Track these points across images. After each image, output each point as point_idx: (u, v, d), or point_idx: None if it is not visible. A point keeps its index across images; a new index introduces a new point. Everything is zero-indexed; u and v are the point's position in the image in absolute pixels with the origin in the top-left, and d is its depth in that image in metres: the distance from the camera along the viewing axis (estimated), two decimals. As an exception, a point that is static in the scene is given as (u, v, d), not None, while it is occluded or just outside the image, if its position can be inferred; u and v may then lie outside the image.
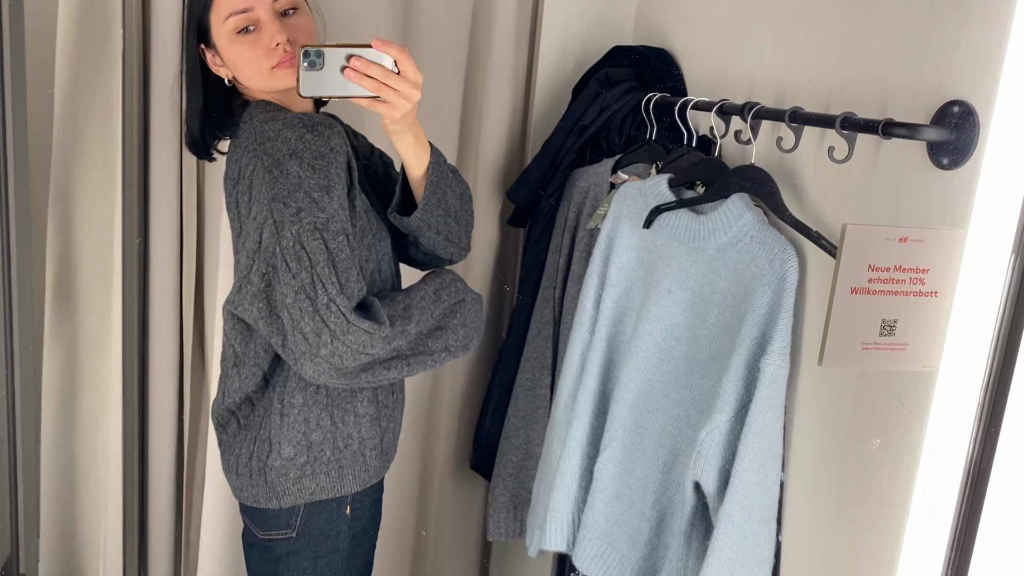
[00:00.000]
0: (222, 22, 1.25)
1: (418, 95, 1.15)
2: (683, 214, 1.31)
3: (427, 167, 1.27)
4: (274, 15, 1.25)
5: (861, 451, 1.02)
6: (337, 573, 1.36)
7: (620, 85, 1.62)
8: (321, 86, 1.13)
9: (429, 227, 1.31)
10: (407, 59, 1.13)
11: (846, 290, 0.80)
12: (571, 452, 1.46)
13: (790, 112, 1.10)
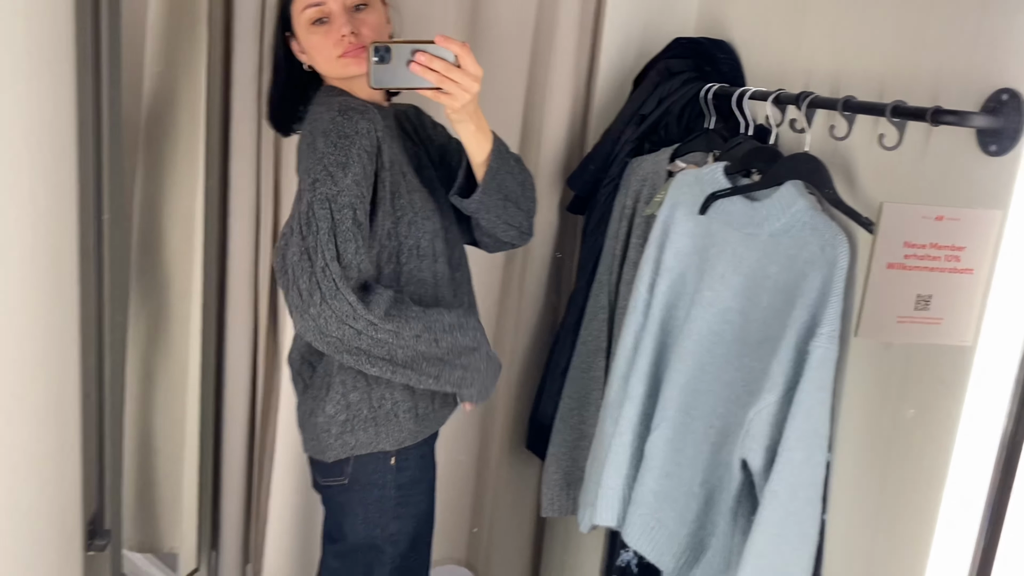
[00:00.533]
0: (300, 12, 1.37)
1: (477, 87, 1.24)
2: (738, 201, 1.35)
3: (488, 154, 1.35)
4: (344, 9, 1.36)
5: (904, 433, 1.05)
6: (388, 517, 1.46)
7: (679, 76, 1.66)
8: (389, 78, 1.25)
9: (488, 210, 1.40)
10: (467, 54, 1.23)
11: (882, 265, 0.83)
12: (623, 431, 1.50)
13: (843, 100, 1.13)
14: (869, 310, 0.86)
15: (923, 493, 1.02)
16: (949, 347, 0.91)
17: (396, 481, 1.45)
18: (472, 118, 1.31)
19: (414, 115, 1.60)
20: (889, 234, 0.83)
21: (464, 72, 1.23)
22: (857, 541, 1.17)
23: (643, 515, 1.46)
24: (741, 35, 1.67)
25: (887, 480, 1.11)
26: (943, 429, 0.97)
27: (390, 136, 1.39)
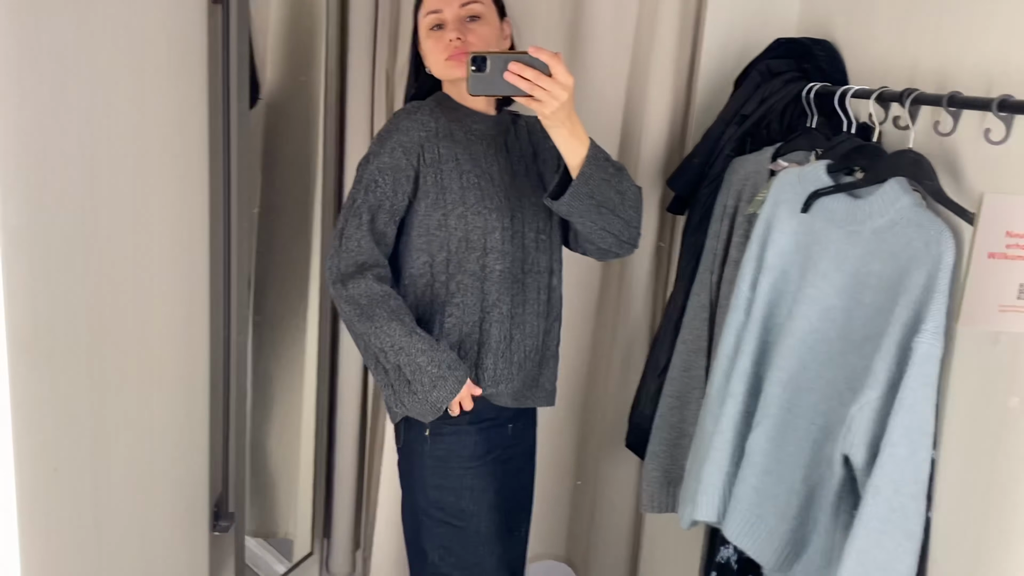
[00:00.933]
0: (423, 18, 1.56)
1: (566, 95, 1.32)
2: (841, 198, 1.35)
3: (583, 159, 1.41)
4: (457, 18, 1.53)
5: (1012, 429, 1.04)
6: (427, 486, 1.58)
7: (781, 76, 1.66)
8: (485, 86, 1.34)
9: (580, 214, 1.46)
10: (558, 63, 1.31)
11: (983, 255, 0.84)
12: (724, 428, 1.52)
13: (948, 96, 1.13)
14: (970, 299, 0.87)
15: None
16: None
17: (431, 452, 1.57)
18: (565, 123, 1.38)
19: (532, 126, 1.67)
20: (990, 224, 0.83)
21: (554, 80, 1.31)
22: (964, 539, 1.16)
23: (744, 511, 1.47)
24: (843, 34, 1.66)
25: (995, 477, 1.10)
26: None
27: (450, 137, 1.54)
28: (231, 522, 1.79)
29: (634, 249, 1.59)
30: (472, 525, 1.58)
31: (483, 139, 1.58)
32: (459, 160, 1.53)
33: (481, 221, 1.52)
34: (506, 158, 1.60)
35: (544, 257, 1.61)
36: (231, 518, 1.79)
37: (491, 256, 1.53)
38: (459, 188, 1.52)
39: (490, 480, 1.59)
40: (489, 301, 1.54)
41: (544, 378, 1.67)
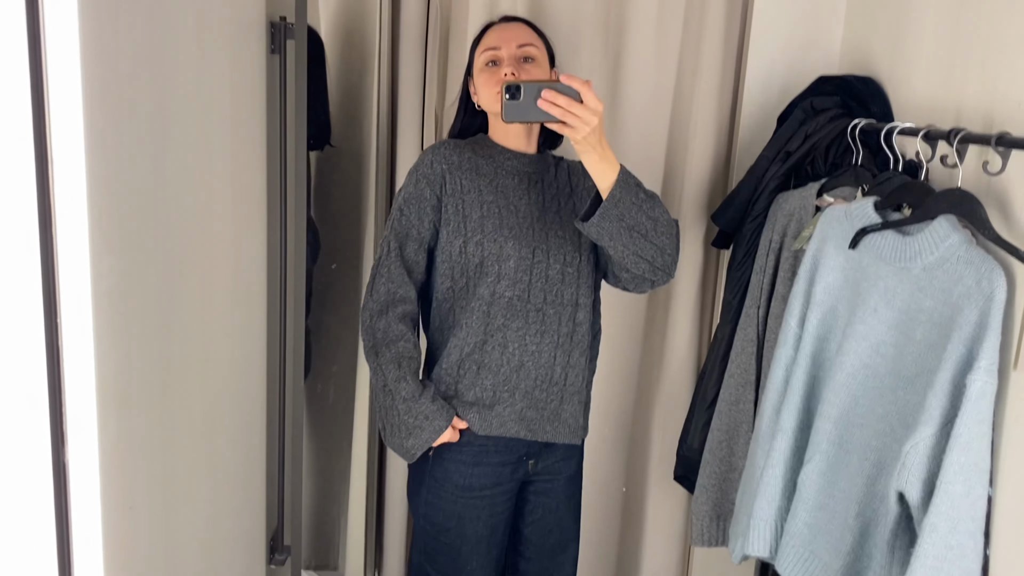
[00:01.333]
0: (480, 55, 1.67)
1: (596, 120, 1.38)
2: (889, 235, 1.37)
3: (613, 183, 1.45)
4: (513, 57, 1.63)
5: (1071, 465, 1.04)
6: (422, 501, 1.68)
7: (825, 113, 1.68)
8: (520, 114, 1.40)
9: (611, 237, 1.49)
10: (588, 91, 1.37)
11: (1041, 301, 0.85)
12: (775, 463, 1.52)
13: (996, 136, 1.14)
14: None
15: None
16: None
17: (431, 471, 1.66)
18: (596, 148, 1.43)
19: (573, 168, 1.74)
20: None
21: (585, 107, 1.37)
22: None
23: (797, 547, 1.47)
24: (887, 71, 1.68)
25: (1054, 515, 1.10)
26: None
27: (474, 170, 1.63)
28: (287, 555, 1.82)
29: (669, 278, 1.61)
30: (455, 546, 1.67)
31: (515, 174, 1.66)
32: (482, 191, 1.62)
33: (496, 248, 1.59)
34: (539, 193, 1.67)
35: (570, 290, 1.64)
36: (287, 551, 1.82)
37: (503, 283, 1.59)
38: (479, 217, 1.60)
39: (485, 512, 1.66)
40: (494, 325, 1.60)
41: (567, 413, 1.68)
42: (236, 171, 1.42)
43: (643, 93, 2.03)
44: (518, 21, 1.72)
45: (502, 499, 1.67)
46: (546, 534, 1.74)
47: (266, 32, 1.56)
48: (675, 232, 1.57)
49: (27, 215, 0.77)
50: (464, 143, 1.68)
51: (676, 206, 2.07)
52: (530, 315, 1.61)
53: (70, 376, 0.81)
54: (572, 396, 1.68)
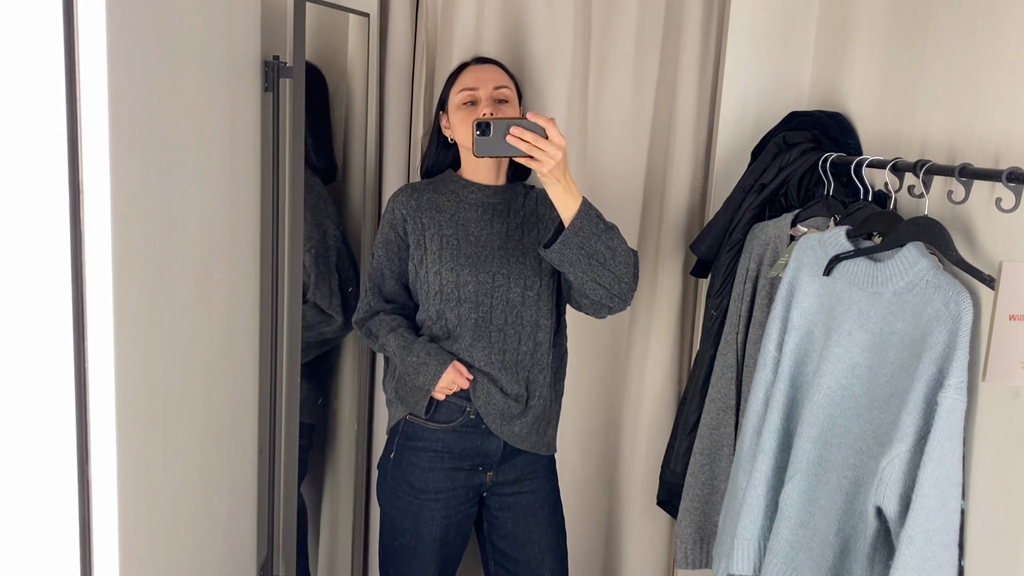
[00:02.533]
0: (456, 94, 1.81)
1: (560, 154, 1.50)
2: (861, 262, 1.43)
3: (575, 213, 1.56)
4: (489, 98, 1.75)
5: (1038, 476, 1.10)
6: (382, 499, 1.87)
7: (798, 147, 1.76)
8: (490, 149, 1.51)
9: (571, 264, 1.60)
10: (553, 128, 1.49)
11: (1005, 317, 0.92)
12: (757, 483, 1.57)
13: (959, 168, 1.22)
14: (995, 357, 0.95)
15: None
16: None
17: (391, 471, 1.82)
18: (560, 181, 1.54)
19: (542, 197, 1.86)
20: (1009, 289, 0.92)
21: (550, 142, 1.49)
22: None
23: (780, 564, 1.52)
24: (854, 106, 1.76)
25: (1022, 523, 1.16)
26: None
27: (434, 208, 1.80)
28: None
29: (626, 305, 1.72)
30: (410, 545, 1.81)
31: (478, 207, 1.81)
32: (441, 226, 1.78)
33: (454, 276, 1.74)
34: (503, 222, 1.81)
35: (530, 312, 1.77)
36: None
37: (465, 306, 1.75)
38: (437, 249, 1.76)
39: (439, 514, 1.79)
40: (463, 344, 1.75)
41: (521, 426, 1.80)
42: (233, 204, 1.46)
43: (622, 127, 2.10)
44: (491, 63, 1.85)
45: (455, 502, 1.81)
46: (518, 547, 1.85)
47: (260, 70, 1.61)
48: (632, 262, 1.67)
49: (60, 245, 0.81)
50: (425, 185, 1.85)
51: (655, 236, 2.14)
52: (493, 335, 1.76)
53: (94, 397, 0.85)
54: (532, 411, 1.80)
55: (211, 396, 1.39)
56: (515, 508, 1.85)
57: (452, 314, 1.75)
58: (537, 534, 1.85)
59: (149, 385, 1.04)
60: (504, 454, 1.81)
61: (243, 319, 1.56)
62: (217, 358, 1.41)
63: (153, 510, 1.16)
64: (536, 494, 1.86)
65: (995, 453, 1.22)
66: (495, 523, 1.87)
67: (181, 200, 1.17)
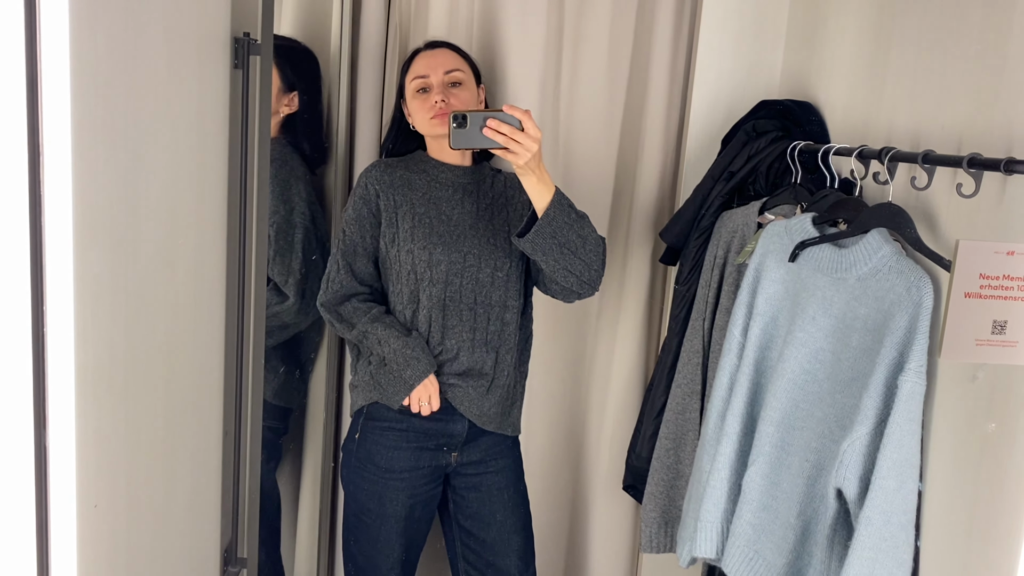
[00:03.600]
0: (410, 82, 1.84)
1: (536, 147, 1.52)
2: (826, 248, 1.45)
3: (548, 203, 1.60)
4: (442, 84, 1.81)
5: (993, 456, 1.12)
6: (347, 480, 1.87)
7: (767, 135, 1.77)
8: (466, 141, 1.53)
9: (544, 252, 1.64)
10: (528, 120, 1.51)
11: (960, 294, 0.93)
12: (720, 467, 1.59)
13: (923, 154, 1.24)
14: (950, 334, 0.97)
15: (1010, 514, 1.09)
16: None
17: (356, 452, 1.83)
18: (535, 171, 1.57)
19: (510, 180, 1.88)
20: (965, 267, 0.93)
21: (526, 135, 1.51)
22: (951, 565, 1.24)
23: (742, 547, 1.53)
24: (824, 96, 1.78)
25: (977, 506, 1.18)
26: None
27: (407, 186, 1.80)
28: (242, 567, 1.81)
29: (594, 291, 1.77)
30: (373, 526, 1.82)
31: (449, 186, 1.82)
32: (414, 204, 1.79)
33: (426, 255, 1.76)
34: (474, 203, 1.82)
35: (498, 293, 1.80)
36: (242, 563, 1.81)
37: (437, 286, 1.77)
38: (410, 227, 1.77)
39: (403, 494, 1.81)
40: (436, 324, 1.77)
41: (491, 403, 1.83)
42: (199, 178, 1.45)
43: (593, 116, 2.11)
44: (443, 47, 1.86)
45: (421, 482, 1.82)
46: (484, 527, 1.87)
47: (230, 47, 1.59)
48: (602, 250, 1.72)
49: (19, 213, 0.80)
50: (397, 162, 1.85)
51: (625, 223, 2.15)
52: (463, 313, 1.78)
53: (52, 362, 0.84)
54: (498, 391, 1.83)
55: (174, 367, 1.37)
56: (481, 488, 1.86)
57: (424, 294, 1.77)
58: (503, 514, 1.87)
59: (110, 352, 1.03)
60: (469, 434, 1.83)
61: (209, 291, 1.54)
62: (181, 328, 1.39)
63: (114, 483, 1.15)
64: (502, 474, 1.88)
65: (951, 435, 1.25)
66: (461, 503, 1.88)
67: (146, 170, 1.16)
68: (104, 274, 0.97)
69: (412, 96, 1.82)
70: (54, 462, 0.91)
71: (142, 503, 1.28)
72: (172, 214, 1.31)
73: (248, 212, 1.66)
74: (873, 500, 1.26)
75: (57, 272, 0.83)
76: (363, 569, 1.85)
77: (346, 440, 1.89)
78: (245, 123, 1.66)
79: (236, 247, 1.66)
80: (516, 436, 1.93)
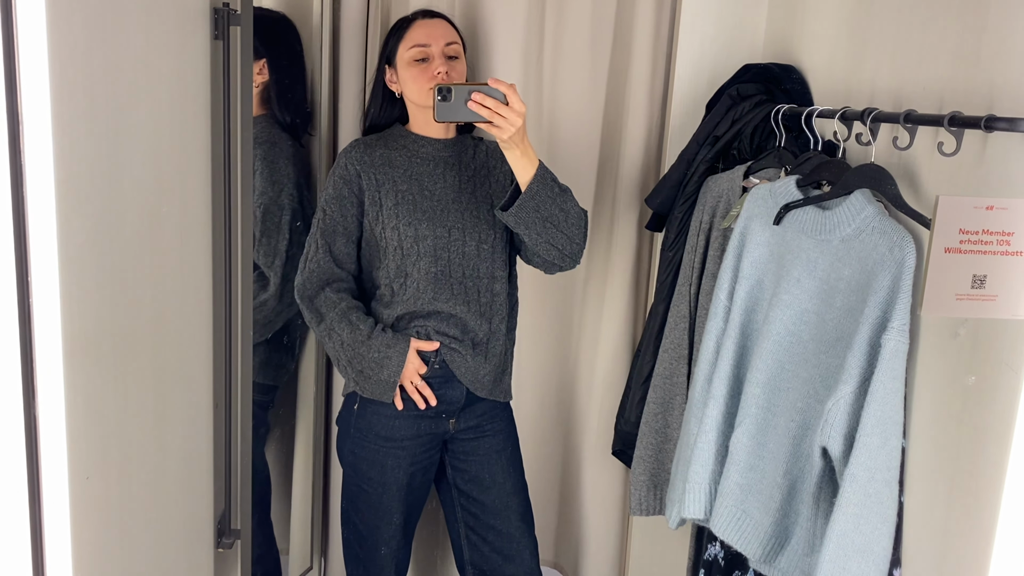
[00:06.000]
0: (407, 50, 1.79)
1: (520, 121, 1.52)
2: (810, 210, 1.46)
3: (532, 177, 1.60)
4: (443, 55, 1.75)
5: (973, 411, 1.14)
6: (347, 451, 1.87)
7: (751, 99, 1.77)
8: (451, 114, 1.54)
9: (527, 226, 1.65)
10: (513, 93, 1.52)
11: (940, 250, 0.95)
12: (707, 429, 1.60)
13: (904, 114, 1.24)
14: (931, 289, 0.98)
15: (991, 467, 1.11)
16: (1008, 327, 1.01)
17: (356, 423, 1.84)
18: (519, 145, 1.57)
19: (492, 150, 1.88)
20: (944, 222, 0.95)
21: (511, 109, 1.51)
22: (933, 519, 1.26)
23: (730, 507, 1.55)
24: (807, 59, 1.78)
25: (959, 461, 1.20)
26: (1007, 404, 1.07)
27: (388, 163, 1.78)
28: (235, 538, 1.82)
29: (576, 264, 1.79)
30: (376, 493, 1.83)
31: (430, 160, 1.82)
32: (396, 182, 1.78)
33: (412, 231, 1.75)
34: (456, 176, 1.82)
35: (485, 264, 1.81)
36: (235, 535, 1.82)
37: (425, 260, 1.76)
38: (393, 205, 1.76)
39: (405, 461, 1.82)
40: (426, 298, 1.77)
41: (486, 371, 1.84)
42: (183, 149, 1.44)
43: (577, 82, 2.10)
44: (439, 17, 1.83)
45: (421, 450, 1.84)
46: (484, 490, 1.89)
47: (209, 18, 1.58)
48: (584, 223, 1.73)
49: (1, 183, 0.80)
50: (376, 139, 1.83)
51: (611, 191, 2.15)
52: (454, 287, 1.78)
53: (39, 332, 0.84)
54: (493, 358, 1.85)
55: (161, 337, 1.37)
56: (479, 452, 1.89)
57: (415, 269, 1.76)
58: (502, 476, 1.90)
59: (96, 322, 1.03)
60: (466, 401, 1.85)
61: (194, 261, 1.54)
62: (168, 298, 1.39)
63: (105, 454, 1.15)
64: (498, 436, 1.91)
65: (933, 392, 1.26)
66: (460, 467, 1.90)
67: (128, 140, 1.15)
68: (88, 243, 0.97)
69: (408, 64, 1.79)
70: (44, 434, 0.92)
71: (133, 475, 1.29)
72: (156, 184, 1.30)
73: (233, 181, 1.66)
74: (858, 457, 1.28)
75: (41, 241, 0.83)
76: (364, 537, 1.87)
77: (340, 415, 1.90)
78: (227, 93, 1.65)
79: (222, 217, 1.66)
80: (508, 402, 1.95)
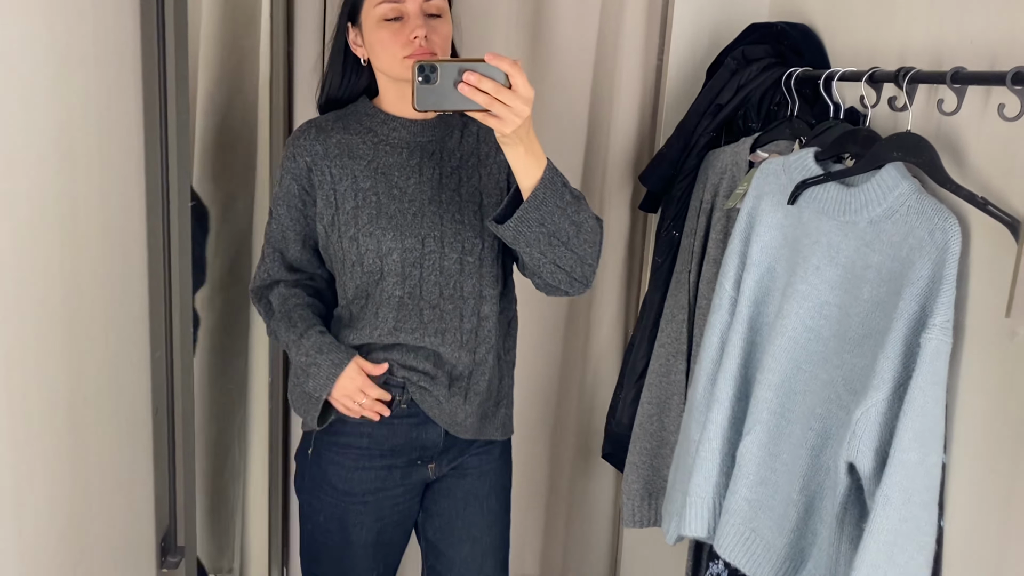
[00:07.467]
0: (374, 7, 1.39)
1: (528, 111, 1.18)
2: (831, 187, 1.28)
3: (537, 181, 1.26)
4: (421, 12, 1.38)
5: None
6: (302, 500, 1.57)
7: (758, 62, 1.62)
8: (436, 100, 1.18)
9: (528, 243, 1.31)
10: (519, 73, 1.16)
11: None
12: (711, 436, 1.44)
13: (952, 72, 1.05)
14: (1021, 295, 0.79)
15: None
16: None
17: (310, 471, 1.53)
18: (523, 142, 1.23)
19: (484, 134, 1.51)
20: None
21: (515, 94, 1.16)
22: (983, 548, 1.09)
23: (737, 525, 1.39)
24: (821, 16, 1.62)
25: (1016, 482, 1.02)
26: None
27: (347, 153, 1.44)
28: (181, 556, 1.66)
29: (587, 289, 1.43)
30: (338, 550, 1.53)
31: (403, 148, 1.45)
32: (356, 178, 1.42)
33: (374, 244, 1.41)
34: (435, 167, 1.46)
35: (471, 281, 1.45)
36: (181, 552, 1.66)
37: (388, 281, 1.42)
38: (352, 208, 1.42)
39: (369, 518, 1.51)
40: (385, 329, 1.43)
41: (465, 414, 1.50)
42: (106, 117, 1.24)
43: (564, 46, 1.95)
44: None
45: (389, 503, 1.51)
46: (453, 543, 1.57)
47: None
48: (599, 239, 1.39)
49: None
50: (334, 120, 1.47)
51: (601, 167, 2.01)
52: (424, 313, 1.43)
53: None
54: (476, 396, 1.50)
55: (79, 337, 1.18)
56: (455, 495, 1.55)
57: (375, 289, 1.43)
58: (479, 530, 1.57)
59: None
60: (447, 441, 1.51)
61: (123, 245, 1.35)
62: (86, 290, 1.20)
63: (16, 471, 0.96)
64: (483, 479, 1.56)
65: (983, 400, 1.09)
66: (432, 510, 1.57)
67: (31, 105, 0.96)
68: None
69: (377, 23, 1.39)
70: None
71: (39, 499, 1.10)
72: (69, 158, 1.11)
73: (169, 154, 1.45)
74: (892, 476, 1.11)
75: None
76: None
77: (298, 451, 1.58)
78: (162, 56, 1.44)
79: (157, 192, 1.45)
80: (508, 439, 1.62)
